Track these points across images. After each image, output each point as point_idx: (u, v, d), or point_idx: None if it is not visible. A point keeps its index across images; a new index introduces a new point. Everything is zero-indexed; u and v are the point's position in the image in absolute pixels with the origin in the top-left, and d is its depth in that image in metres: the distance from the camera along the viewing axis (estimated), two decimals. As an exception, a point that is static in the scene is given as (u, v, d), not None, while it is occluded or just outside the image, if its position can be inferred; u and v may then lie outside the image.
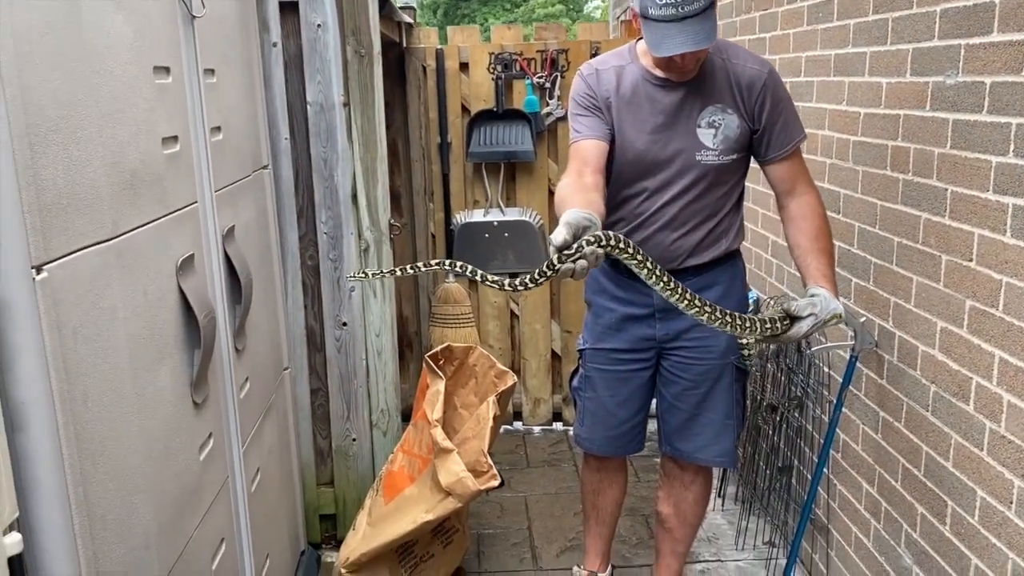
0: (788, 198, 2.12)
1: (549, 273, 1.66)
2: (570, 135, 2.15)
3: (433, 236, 3.91)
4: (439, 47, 3.73)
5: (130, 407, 1.41)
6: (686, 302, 1.79)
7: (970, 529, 1.80)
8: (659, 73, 2.07)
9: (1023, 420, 1.61)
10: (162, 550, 1.51)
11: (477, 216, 3.82)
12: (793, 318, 1.89)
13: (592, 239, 1.62)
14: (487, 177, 3.80)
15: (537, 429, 3.98)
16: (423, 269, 1.93)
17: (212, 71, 1.96)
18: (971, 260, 1.77)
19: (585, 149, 2.08)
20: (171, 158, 1.65)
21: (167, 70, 1.65)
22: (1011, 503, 1.66)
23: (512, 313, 3.97)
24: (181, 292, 1.66)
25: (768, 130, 2.07)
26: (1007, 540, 1.67)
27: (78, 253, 1.27)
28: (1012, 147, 1.62)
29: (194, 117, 1.81)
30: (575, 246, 1.61)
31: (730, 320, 1.83)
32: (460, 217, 3.83)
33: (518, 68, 3.67)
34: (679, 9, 1.84)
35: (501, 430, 3.94)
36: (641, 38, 2.03)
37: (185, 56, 1.77)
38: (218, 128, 1.98)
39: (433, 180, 3.84)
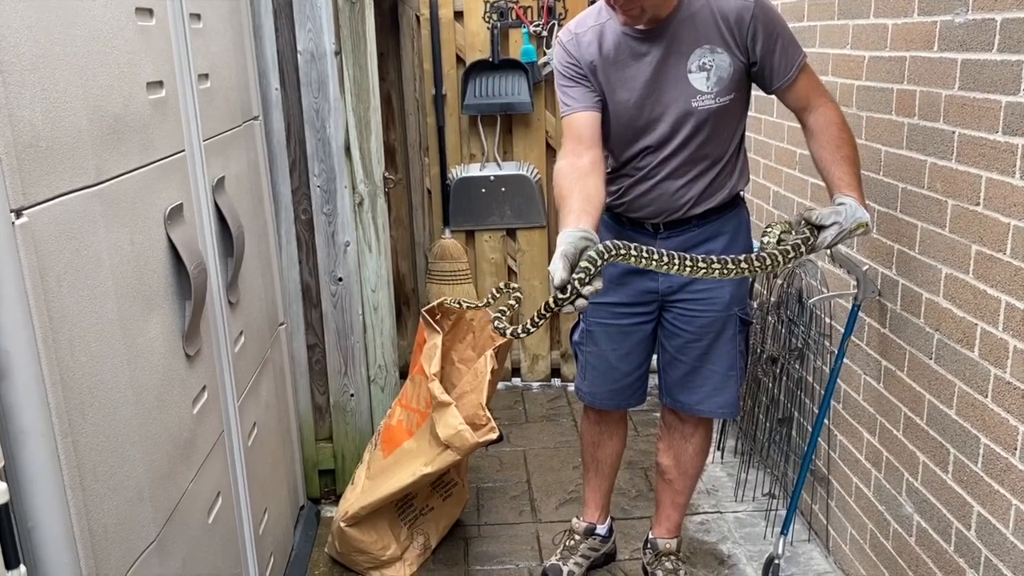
0: (805, 114, 2.03)
1: (547, 315, 1.71)
2: (560, 107, 2.11)
3: (429, 191, 3.85)
4: (432, -5, 3.64)
5: (119, 357, 1.38)
6: (701, 270, 1.76)
7: (973, 476, 1.79)
8: (637, 25, 1.98)
9: (1029, 365, 1.59)
10: (156, 502, 1.49)
11: (473, 170, 3.77)
12: (818, 227, 1.82)
13: (586, 269, 1.63)
14: (483, 130, 3.74)
15: (536, 385, 3.97)
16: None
17: (198, 16, 1.90)
18: (978, 204, 1.73)
19: (578, 124, 2.03)
20: (156, 104, 1.60)
21: (150, 12, 1.60)
22: (1015, 449, 1.64)
23: (510, 270, 3.94)
24: (170, 242, 1.62)
25: (767, 60, 1.99)
26: (1011, 487, 1.66)
27: (60, 199, 1.23)
28: (1023, 86, 1.57)
29: (180, 62, 1.76)
30: (569, 289, 1.62)
31: (746, 265, 1.77)
32: (456, 172, 3.77)
33: (514, 16, 3.59)
34: None
35: (500, 386, 3.93)
36: None
37: (169, -2, 1.71)
38: (205, 75, 1.93)
39: (428, 133, 3.78)
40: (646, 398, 2.41)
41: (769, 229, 1.89)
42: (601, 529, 2.54)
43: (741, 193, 2.22)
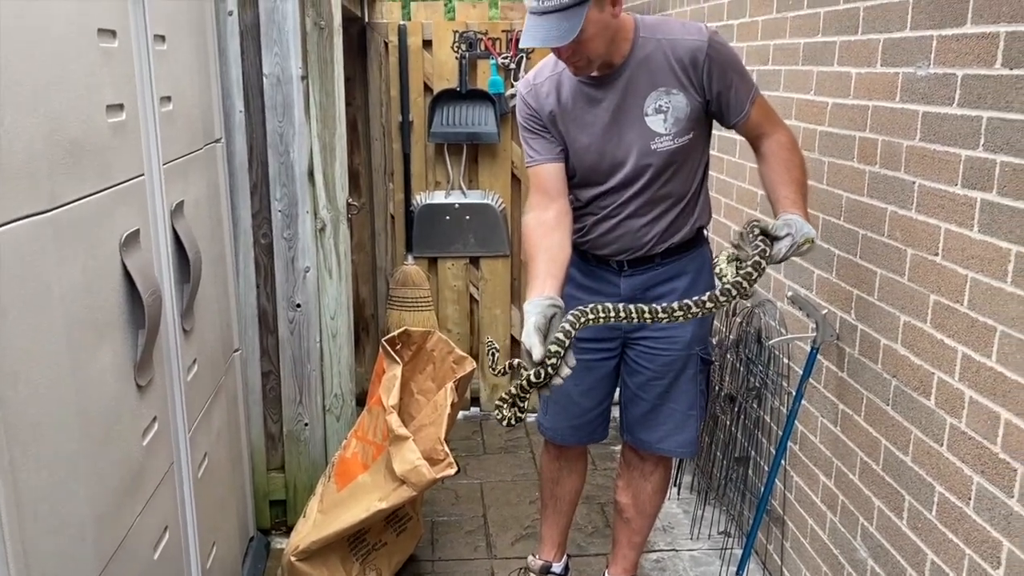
0: (759, 142, 2.06)
1: (527, 396, 1.74)
2: (524, 157, 2.15)
3: (392, 217, 3.83)
4: (402, 23, 3.63)
5: (67, 390, 1.33)
6: (678, 316, 1.78)
7: (927, 524, 1.80)
8: (591, 72, 2.00)
9: (984, 416, 1.61)
10: (100, 541, 1.44)
11: (438, 198, 3.75)
12: (772, 238, 1.81)
13: (556, 353, 1.67)
14: (449, 158, 3.73)
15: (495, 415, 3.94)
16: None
17: (163, 38, 1.86)
18: (937, 254, 1.76)
19: (543, 176, 2.07)
20: (116, 127, 1.56)
21: (113, 33, 1.56)
22: (969, 499, 1.65)
23: (472, 298, 3.92)
24: (125, 269, 1.57)
25: (723, 97, 2.00)
26: (964, 536, 1.67)
27: (9, 226, 1.18)
28: (982, 141, 1.60)
29: (142, 85, 1.72)
30: (544, 373, 1.68)
31: (711, 304, 1.78)
32: (421, 198, 3.75)
33: (483, 48, 3.60)
34: (540, 3, 1.80)
35: (459, 415, 3.90)
36: None
37: (133, 20, 1.67)
38: (168, 98, 1.89)
39: (393, 159, 3.76)
40: (608, 434, 2.40)
41: (720, 261, 1.85)
42: (557, 567, 2.52)
43: (704, 231, 2.23)
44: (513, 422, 1.77)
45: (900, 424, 1.90)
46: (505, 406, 1.77)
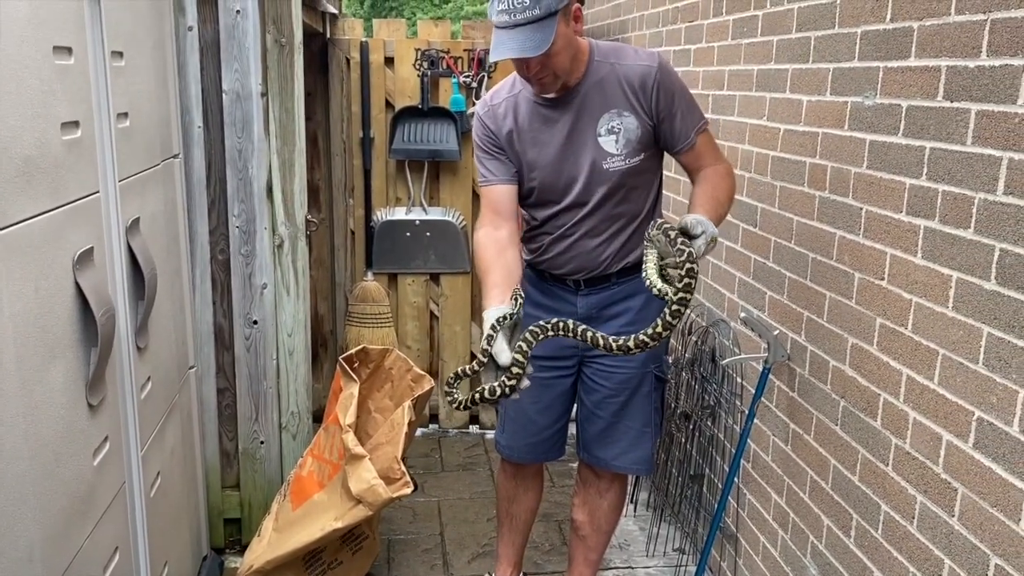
0: (697, 174, 2.09)
1: (494, 398, 1.77)
2: (478, 176, 2.19)
3: (352, 233, 3.82)
4: (364, 40, 3.64)
5: (15, 410, 1.32)
6: (620, 353, 1.79)
7: (873, 542, 1.84)
8: (546, 94, 2.05)
9: (927, 437, 1.66)
10: (48, 562, 1.42)
11: (399, 214, 3.76)
12: (691, 237, 1.77)
13: (517, 375, 1.73)
14: (410, 175, 3.74)
15: (453, 431, 3.94)
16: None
17: (120, 54, 1.86)
18: (883, 279, 1.81)
19: (495, 196, 2.12)
20: (71, 145, 1.55)
21: (69, 51, 1.55)
22: (913, 518, 1.70)
23: (432, 314, 3.92)
24: (78, 287, 1.56)
25: (668, 122, 2.06)
26: (908, 554, 1.71)
27: (-41, 244, 1.17)
28: (925, 170, 1.66)
29: (99, 102, 1.72)
30: (499, 391, 1.73)
31: (662, 330, 1.75)
32: (381, 214, 3.75)
33: (445, 66, 3.62)
34: (511, 16, 1.86)
35: (417, 432, 3.89)
36: None
37: (90, 37, 1.67)
38: (125, 114, 1.88)
39: (354, 175, 3.76)
40: (565, 452, 2.42)
41: (650, 276, 1.80)
42: (513, 585, 2.53)
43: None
44: (470, 404, 1.80)
45: (848, 444, 1.95)
46: (457, 391, 1.82)
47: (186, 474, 2.44)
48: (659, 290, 1.77)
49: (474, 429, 3.96)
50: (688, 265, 1.72)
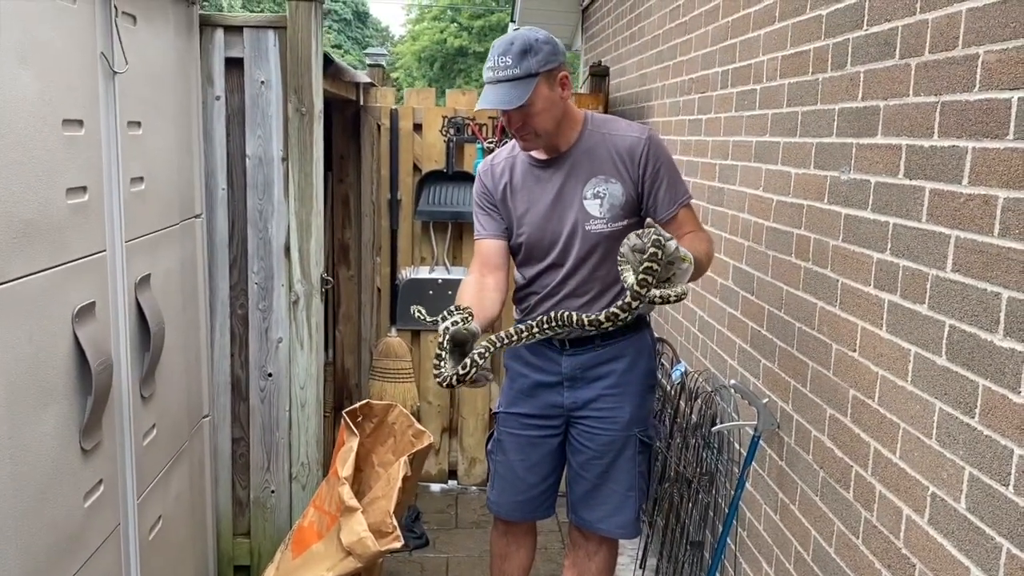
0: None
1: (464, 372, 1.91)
2: (473, 231, 2.35)
3: (379, 290, 3.94)
4: (394, 107, 3.81)
5: (2, 452, 1.43)
6: (592, 329, 1.90)
7: (846, 616, 1.82)
8: (540, 156, 2.21)
9: (890, 511, 1.65)
10: (27, 598, 1.51)
11: (423, 272, 3.87)
12: (667, 238, 1.79)
13: (491, 343, 1.96)
14: (434, 235, 3.87)
15: (473, 488, 3.98)
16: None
17: (138, 123, 2.01)
18: (855, 351, 1.82)
19: (486, 249, 2.28)
20: (76, 208, 1.69)
21: (80, 123, 1.70)
22: (879, 593, 1.68)
23: (453, 371, 3.98)
24: (76, 339, 1.68)
25: (654, 192, 2.16)
26: (876, 630, 1.70)
27: (-48, 299, 1.29)
28: (889, 245, 1.69)
29: (109, 168, 1.86)
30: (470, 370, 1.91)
31: (628, 302, 1.79)
32: (406, 273, 3.87)
33: (470, 132, 3.76)
34: (495, 73, 2.07)
35: (435, 488, 3.94)
36: None
37: (104, 109, 1.82)
38: (140, 178, 2.03)
39: (382, 235, 3.90)
40: (554, 511, 2.45)
41: (624, 271, 1.82)
42: (506, 645, 2.53)
43: (647, 317, 2.32)
44: (454, 383, 1.89)
45: (826, 516, 1.94)
46: (445, 365, 1.90)
47: (194, 519, 2.54)
48: (626, 281, 1.80)
49: (493, 487, 3.98)
50: (652, 250, 1.76)
